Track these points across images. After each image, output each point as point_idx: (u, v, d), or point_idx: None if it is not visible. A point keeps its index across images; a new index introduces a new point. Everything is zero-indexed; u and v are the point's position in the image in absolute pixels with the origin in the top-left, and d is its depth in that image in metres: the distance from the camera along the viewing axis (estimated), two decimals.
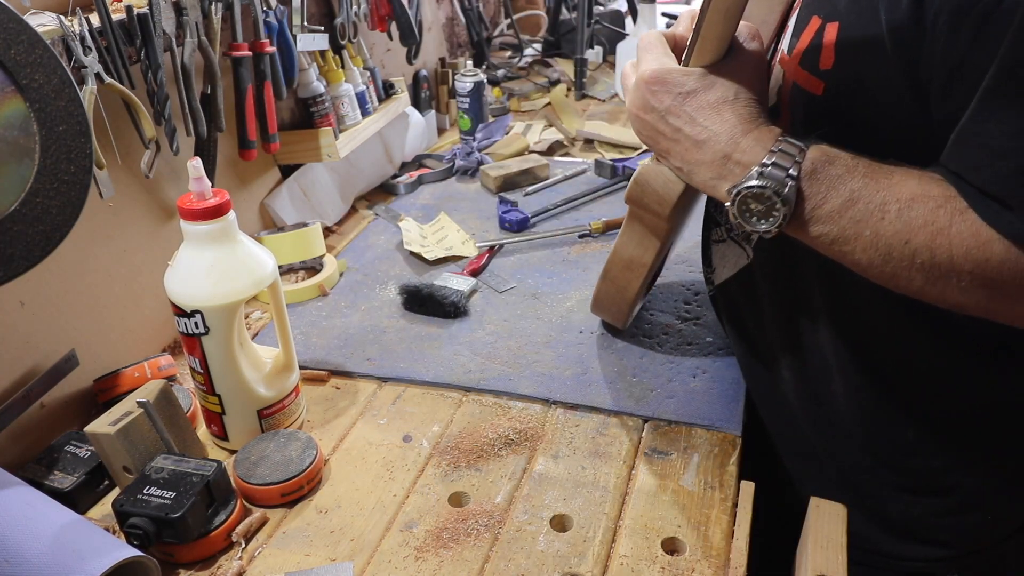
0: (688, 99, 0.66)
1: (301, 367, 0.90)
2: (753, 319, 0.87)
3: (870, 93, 0.63)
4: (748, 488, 0.74)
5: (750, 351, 0.88)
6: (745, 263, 0.84)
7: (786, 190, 0.60)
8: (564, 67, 2.02)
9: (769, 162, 0.61)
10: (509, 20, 2.07)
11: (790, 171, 0.60)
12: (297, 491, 0.76)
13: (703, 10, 0.64)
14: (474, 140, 1.57)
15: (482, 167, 1.45)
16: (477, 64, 1.97)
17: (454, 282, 1.09)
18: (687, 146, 0.67)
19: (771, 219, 0.62)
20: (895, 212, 0.58)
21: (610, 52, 2.06)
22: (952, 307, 0.60)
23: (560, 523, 0.73)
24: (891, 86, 0.61)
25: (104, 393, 0.87)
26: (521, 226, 1.25)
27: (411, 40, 1.46)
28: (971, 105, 0.55)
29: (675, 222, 0.83)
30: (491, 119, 1.63)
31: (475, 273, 1.13)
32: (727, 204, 0.64)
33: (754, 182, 0.61)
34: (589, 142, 1.63)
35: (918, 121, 0.61)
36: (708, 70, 0.66)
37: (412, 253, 1.19)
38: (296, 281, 1.13)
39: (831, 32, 0.64)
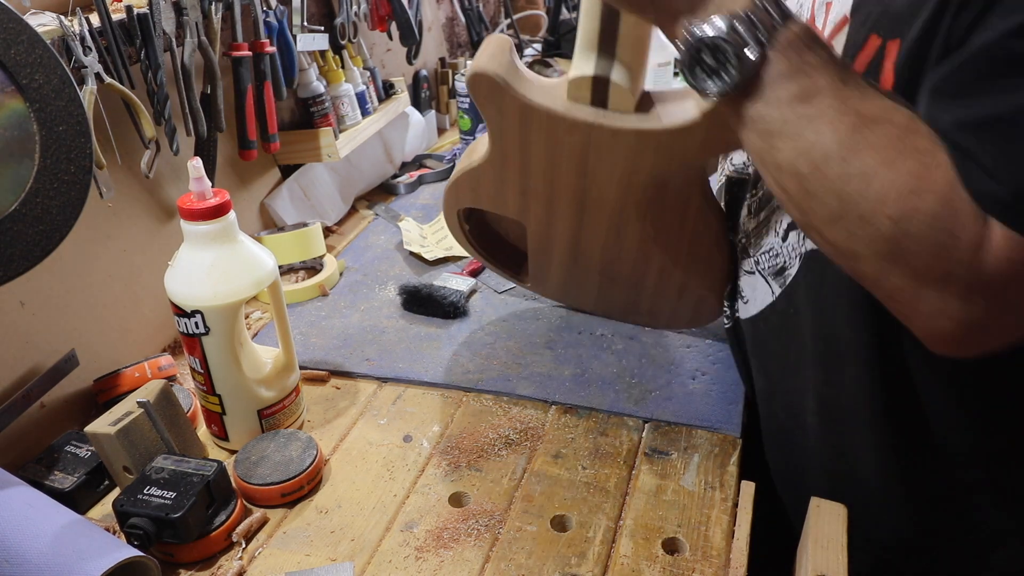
0: None
1: (301, 367, 0.90)
2: (774, 361, 0.81)
3: None
4: (748, 488, 0.74)
5: (767, 389, 0.83)
6: (770, 300, 0.78)
7: (747, 53, 0.52)
8: (564, 67, 2.02)
9: (744, 15, 0.52)
10: (509, 20, 2.06)
11: (761, 36, 0.52)
12: (297, 491, 0.76)
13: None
14: (474, 140, 1.56)
15: None
16: None
17: (454, 282, 1.09)
18: None
19: (719, 81, 0.54)
20: (848, 125, 0.51)
21: None
22: (846, 256, 0.54)
23: (560, 523, 0.73)
24: None
25: (104, 393, 0.87)
26: None
27: (411, 40, 1.46)
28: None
29: None
30: None
31: (475, 273, 1.13)
32: (676, 42, 0.55)
33: (715, 32, 0.52)
34: None
35: None
36: None
37: (412, 253, 1.19)
38: (296, 281, 1.13)
39: (892, 51, 0.57)
